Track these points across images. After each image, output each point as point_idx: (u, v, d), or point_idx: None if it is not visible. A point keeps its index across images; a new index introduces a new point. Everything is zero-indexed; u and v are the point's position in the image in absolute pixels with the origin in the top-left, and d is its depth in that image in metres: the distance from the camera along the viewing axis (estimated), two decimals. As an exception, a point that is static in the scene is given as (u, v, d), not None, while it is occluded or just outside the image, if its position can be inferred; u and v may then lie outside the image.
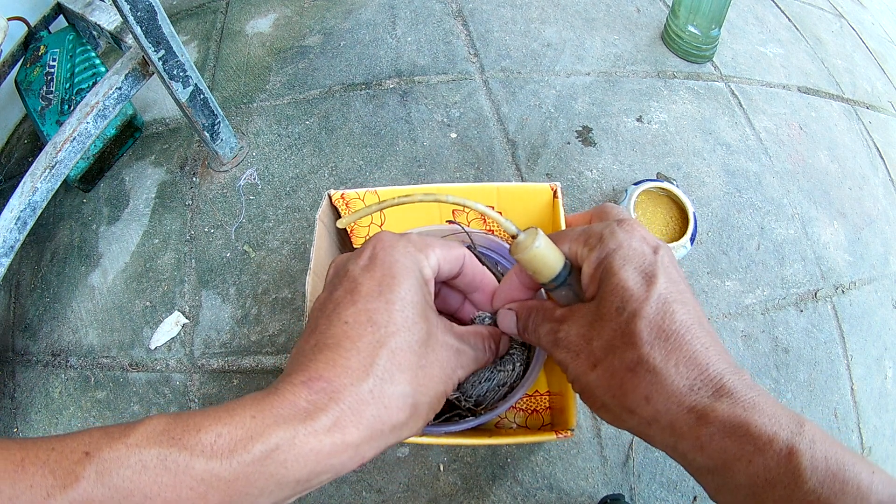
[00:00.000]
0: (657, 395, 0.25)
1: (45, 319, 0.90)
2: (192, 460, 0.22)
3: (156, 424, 0.23)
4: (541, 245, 0.28)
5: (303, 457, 0.23)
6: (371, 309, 0.27)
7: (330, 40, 1.09)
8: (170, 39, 0.74)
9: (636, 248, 0.28)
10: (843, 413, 0.77)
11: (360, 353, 0.26)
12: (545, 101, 0.98)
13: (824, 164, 0.97)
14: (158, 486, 0.21)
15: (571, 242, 0.30)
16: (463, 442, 0.42)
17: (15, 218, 0.75)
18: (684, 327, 0.25)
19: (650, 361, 0.25)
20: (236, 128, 1.00)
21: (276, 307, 0.83)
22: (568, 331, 0.29)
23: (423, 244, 0.31)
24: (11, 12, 0.97)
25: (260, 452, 0.23)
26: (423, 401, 0.27)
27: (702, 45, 1.02)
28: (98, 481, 0.21)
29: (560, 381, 0.50)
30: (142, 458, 0.21)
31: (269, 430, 0.23)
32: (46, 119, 0.95)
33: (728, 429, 0.23)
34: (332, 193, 0.53)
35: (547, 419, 0.53)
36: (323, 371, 0.25)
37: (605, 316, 0.27)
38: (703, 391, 0.24)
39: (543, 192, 0.54)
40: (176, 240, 0.91)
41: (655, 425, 0.25)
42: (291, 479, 0.23)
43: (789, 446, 0.22)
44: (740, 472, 0.23)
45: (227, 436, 0.23)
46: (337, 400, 0.25)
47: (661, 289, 0.26)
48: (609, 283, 0.27)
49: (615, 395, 0.26)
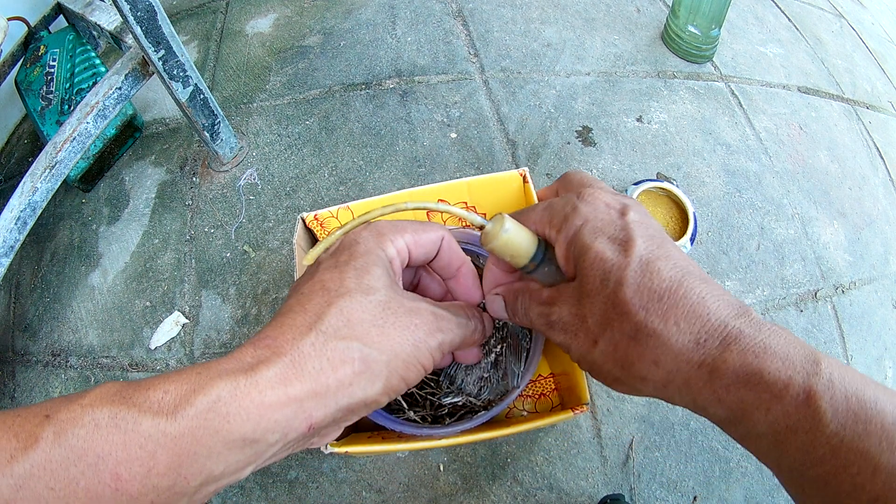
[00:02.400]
0: (665, 358, 0.24)
1: (45, 319, 0.90)
2: (140, 417, 0.22)
3: (111, 386, 0.23)
4: (509, 229, 0.28)
5: (244, 410, 0.23)
6: (325, 279, 0.28)
7: (330, 40, 1.09)
8: (170, 39, 0.74)
9: (602, 217, 0.27)
10: (843, 413, 0.77)
11: (307, 313, 0.26)
12: (545, 101, 0.98)
13: (824, 164, 0.97)
14: (110, 445, 0.21)
15: (537, 224, 0.29)
16: (480, 437, 0.42)
17: (15, 218, 0.75)
18: (674, 282, 0.25)
19: (649, 326, 0.24)
20: (236, 128, 1.00)
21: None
22: (560, 312, 0.28)
23: (389, 228, 0.31)
24: (11, 12, 0.97)
25: (203, 405, 0.22)
26: (378, 358, 0.26)
27: (702, 45, 1.02)
28: (55, 442, 0.21)
29: (562, 361, 0.50)
30: (94, 417, 0.22)
31: (211, 383, 0.23)
32: (46, 119, 0.95)
33: (742, 379, 0.22)
34: (305, 216, 0.53)
35: (556, 400, 0.53)
36: (269, 332, 0.26)
37: (592, 292, 0.26)
38: (709, 343, 0.23)
39: (513, 179, 0.54)
40: (176, 240, 0.91)
41: (671, 386, 0.25)
42: (237, 435, 0.23)
43: (806, 390, 0.21)
44: (760, 421, 0.22)
45: (174, 392, 0.23)
46: (279, 354, 0.24)
47: (640, 251, 0.25)
48: (585, 259, 0.26)
49: (623, 366, 0.26)
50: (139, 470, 0.21)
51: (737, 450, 0.73)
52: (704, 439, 0.73)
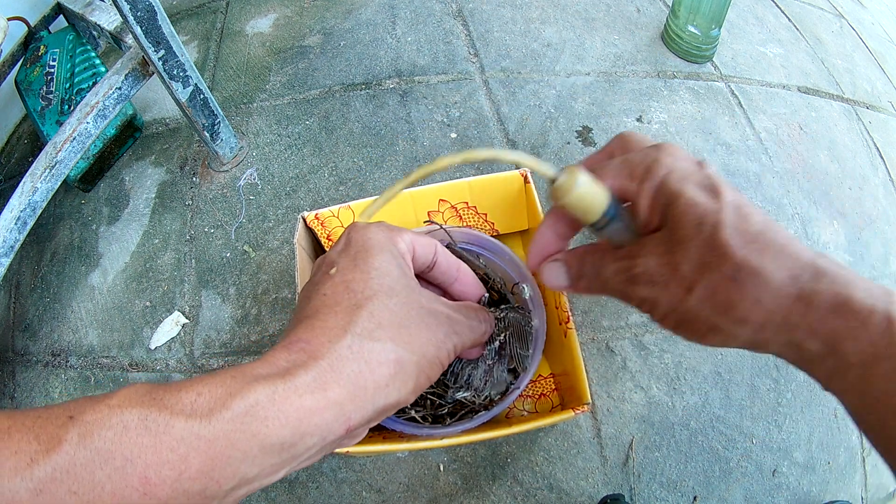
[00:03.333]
0: (766, 295, 0.24)
1: (45, 319, 0.90)
2: (172, 419, 0.21)
3: (138, 388, 0.23)
4: (584, 183, 0.27)
5: (284, 414, 0.23)
6: (348, 280, 0.28)
7: (330, 40, 1.09)
8: (170, 39, 0.74)
9: (686, 167, 0.27)
10: (843, 413, 0.77)
11: (338, 315, 0.26)
12: (545, 101, 0.98)
13: (824, 164, 0.97)
14: (139, 448, 0.21)
15: (614, 178, 0.28)
16: (480, 437, 0.42)
17: (15, 218, 0.75)
18: (765, 225, 0.25)
19: (750, 264, 0.24)
20: (236, 128, 1.00)
21: (276, 307, 0.83)
22: (646, 263, 0.27)
23: (394, 227, 0.31)
24: (11, 12, 0.97)
25: (240, 409, 0.22)
26: (410, 359, 0.27)
27: (702, 45, 1.02)
28: (80, 444, 0.20)
29: (563, 361, 0.50)
30: (123, 419, 0.21)
31: (248, 387, 0.23)
32: (46, 119, 0.95)
33: (833, 307, 0.23)
34: (305, 215, 0.53)
35: (556, 401, 0.53)
36: (301, 334, 0.26)
37: (685, 238, 0.26)
38: (804, 277, 0.24)
39: (514, 179, 0.54)
40: (176, 240, 0.91)
41: (769, 326, 0.25)
42: (275, 440, 0.23)
43: (887, 317, 0.22)
44: (849, 350, 0.23)
45: (208, 395, 0.22)
46: (316, 357, 0.24)
47: (730, 196, 0.26)
48: (677, 206, 0.26)
49: (723, 310, 0.25)
50: (170, 473, 0.21)
51: (737, 450, 0.73)
52: (704, 439, 0.73)
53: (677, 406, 0.74)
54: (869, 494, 0.76)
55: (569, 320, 0.48)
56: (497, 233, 0.60)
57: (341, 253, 0.30)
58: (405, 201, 0.55)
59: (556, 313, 0.51)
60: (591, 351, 0.76)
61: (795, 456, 0.74)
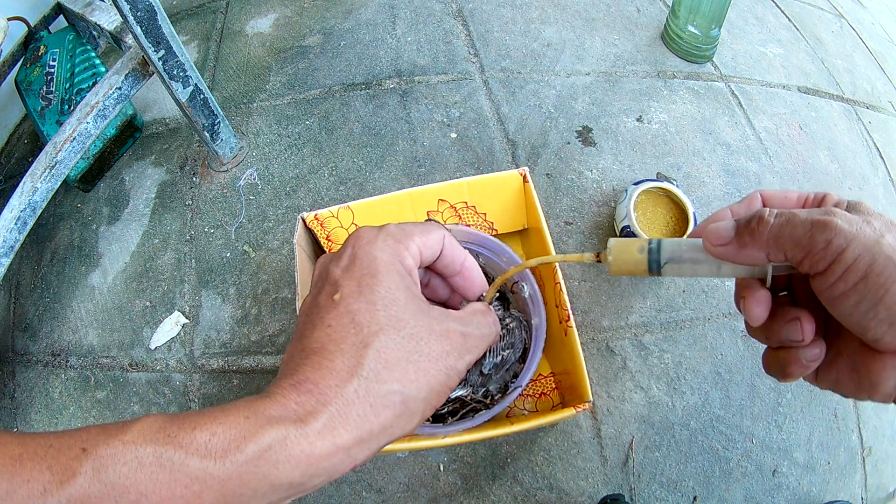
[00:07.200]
0: None
1: (45, 319, 0.90)
2: (187, 458, 0.22)
3: (152, 422, 0.23)
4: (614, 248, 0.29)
5: (294, 458, 0.23)
6: (353, 310, 0.27)
7: (330, 40, 1.09)
8: (170, 39, 0.74)
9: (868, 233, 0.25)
10: (842, 413, 0.77)
11: (345, 354, 0.26)
12: (545, 101, 0.98)
13: (824, 164, 0.97)
14: (154, 484, 0.21)
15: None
16: (481, 436, 0.42)
17: (15, 218, 0.75)
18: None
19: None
20: (236, 128, 1.00)
21: (276, 307, 0.83)
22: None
23: (401, 234, 0.30)
24: (11, 12, 0.97)
25: (253, 452, 0.23)
26: (417, 396, 0.27)
27: (702, 45, 1.02)
28: (94, 478, 0.21)
29: (563, 360, 0.50)
30: (138, 455, 0.22)
31: (261, 431, 0.23)
32: (46, 119, 0.95)
33: None
34: (305, 216, 0.53)
35: (556, 399, 0.53)
36: (309, 374, 0.26)
37: None
38: None
39: (513, 179, 0.54)
40: (176, 240, 0.91)
41: None
42: (284, 481, 0.23)
43: None
44: None
45: (222, 435, 0.23)
46: (325, 403, 0.25)
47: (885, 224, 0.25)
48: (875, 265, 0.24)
49: None
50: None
51: (737, 450, 0.73)
52: (704, 439, 0.73)
53: (677, 406, 0.74)
54: (869, 494, 0.76)
55: (569, 319, 0.48)
56: (496, 232, 0.60)
57: (345, 271, 0.29)
58: (405, 201, 0.56)
59: (557, 312, 0.51)
60: (591, 351, 0.76)
61: (795, 456, 0.74)
